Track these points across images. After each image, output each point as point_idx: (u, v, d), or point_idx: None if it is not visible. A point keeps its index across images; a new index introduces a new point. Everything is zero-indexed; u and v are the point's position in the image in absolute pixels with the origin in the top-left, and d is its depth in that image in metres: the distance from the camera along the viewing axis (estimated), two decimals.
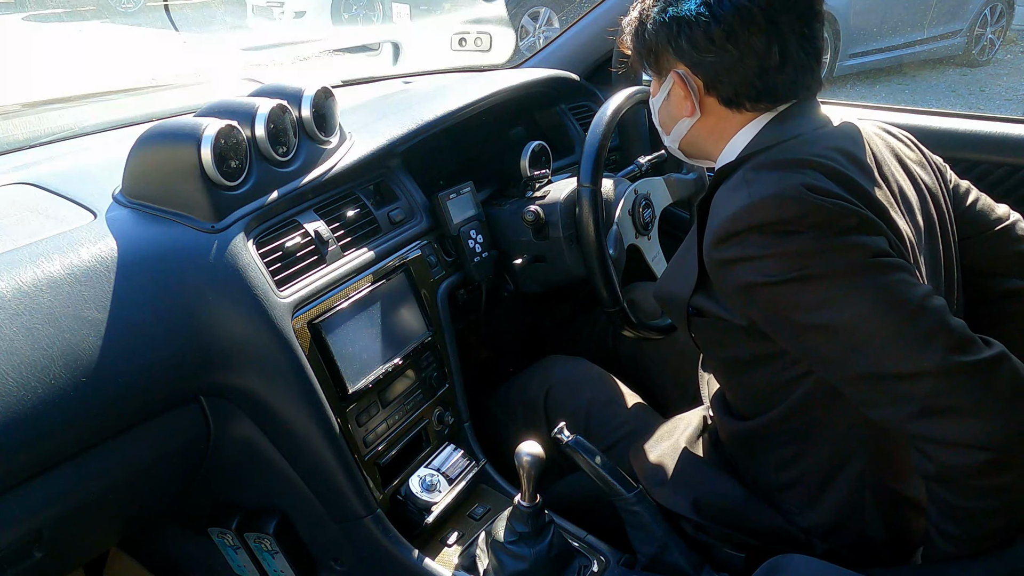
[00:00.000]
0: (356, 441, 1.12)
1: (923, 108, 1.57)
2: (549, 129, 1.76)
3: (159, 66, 3.17)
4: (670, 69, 0.97)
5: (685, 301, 0.97)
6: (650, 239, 1.40)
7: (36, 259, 0.92)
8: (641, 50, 1.01)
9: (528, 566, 0.99)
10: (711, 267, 0.89)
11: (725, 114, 0.97)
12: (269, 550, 1.20)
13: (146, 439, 1.01)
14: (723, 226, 0.86)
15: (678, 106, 0.99)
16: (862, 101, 1.74)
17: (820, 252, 0.82)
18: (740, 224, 0.84)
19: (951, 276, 1.02)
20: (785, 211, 0.83)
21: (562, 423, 1.09)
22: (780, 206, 0.83)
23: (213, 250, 1.01)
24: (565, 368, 1.40)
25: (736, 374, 1.02)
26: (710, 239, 0.88)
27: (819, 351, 0.85)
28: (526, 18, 6.67)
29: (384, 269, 1.22)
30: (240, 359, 1.03)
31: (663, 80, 1.00)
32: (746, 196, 0.85)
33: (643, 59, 1.02)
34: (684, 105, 0.98)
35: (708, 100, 0.97)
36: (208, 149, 1.00)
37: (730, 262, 0.86)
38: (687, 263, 0.96)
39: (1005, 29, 7.09)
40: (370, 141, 1.27)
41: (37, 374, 0.85)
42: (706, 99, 0.97)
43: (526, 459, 0.95)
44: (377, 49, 2.94)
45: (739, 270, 0.86)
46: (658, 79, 1.02)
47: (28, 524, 0.91)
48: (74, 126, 1.47)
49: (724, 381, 1.07)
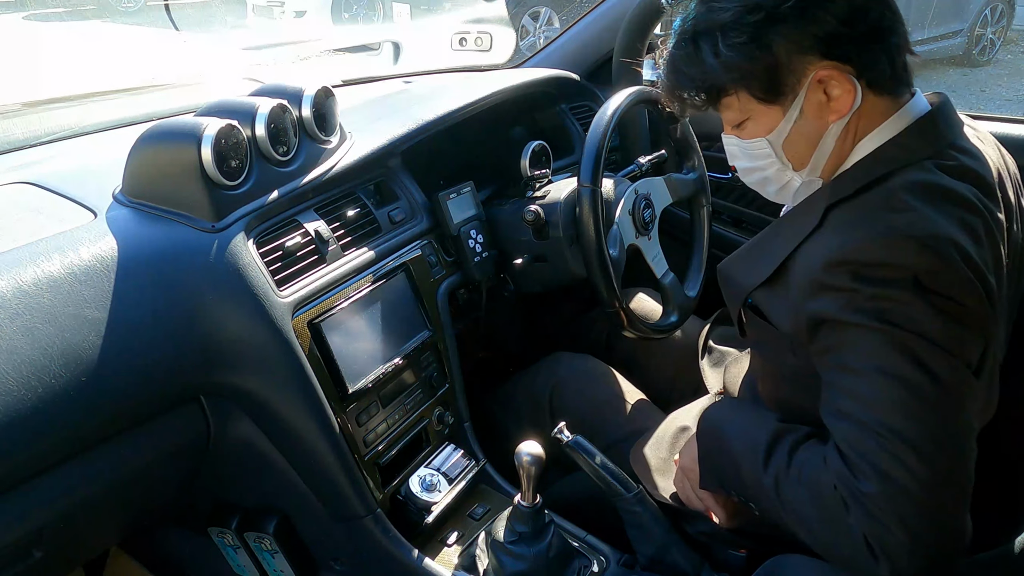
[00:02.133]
0: (356, 441, 1.12)
1: None
2: (549, 129, 1.75)
3: (159, 66, 3.17)
4: (802, 76, 0.82)
5: (745, 292, 0.92)
6: (650, 239, 1.40)
7: (36, 258, 0.92)
8: (740, 74, 0.83)
9: (528, 566, 0.99)
10: (807, 284, 0.81)
11: (871, 104, 0.84)
12: (269, 550, 1.20)
13: (146, 439, 1.01)
14: (852, 250, 0.77)
15: (819, 116, 0.84)
16: None
17: (922, 320, 0.75)
18: (873, 255, 0.76)
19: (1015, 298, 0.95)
20: (925, 263, 0.75)
21: (562, 423, 1.09)
22: (922, 254, 0.75)
23: (213, 250, 1.01)
24: (572, 365, 1.40)
25: (771, 374, 1.00)
26: (828, 257, 0.78)
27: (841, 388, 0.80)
28: (526, 18, 6.67)
29: (384, 269, 1.22)
30: (240, 359, 1.03)
31: (784, 101, 0.84)
32: (890, 225, 0.76)
33: (746, 84, 0.84)
34: (834, 106, 0.83)
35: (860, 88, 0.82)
36: (208, 149, 1.00)
37: (832, 288, 0.78)
38: (767, 255, 0.89)
39: (1005, 29, 7.09)
40: (370, 141, 1.27)
41: (37, 374, 0.85)
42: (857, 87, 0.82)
43: (526, 459, 0.95)
44: (377, 49, 2.94)
45: (835, 299, 0.78)
46: (773, 105, 0.85)
47: (28, 524, 0.91)
48: (74, 126, 1.46)
49: (759, 371, 1.04)
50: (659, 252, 1.41)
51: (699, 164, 1.52)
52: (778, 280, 0.88)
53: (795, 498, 0.85)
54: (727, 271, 0.98)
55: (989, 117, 1.50)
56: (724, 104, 0.88)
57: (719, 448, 0.98)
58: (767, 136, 0.88)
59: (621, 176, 1.43)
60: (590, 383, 1.36)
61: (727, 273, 0.98)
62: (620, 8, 1.74)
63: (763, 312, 0.91)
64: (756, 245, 0.95)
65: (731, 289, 0.97)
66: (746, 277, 0.92)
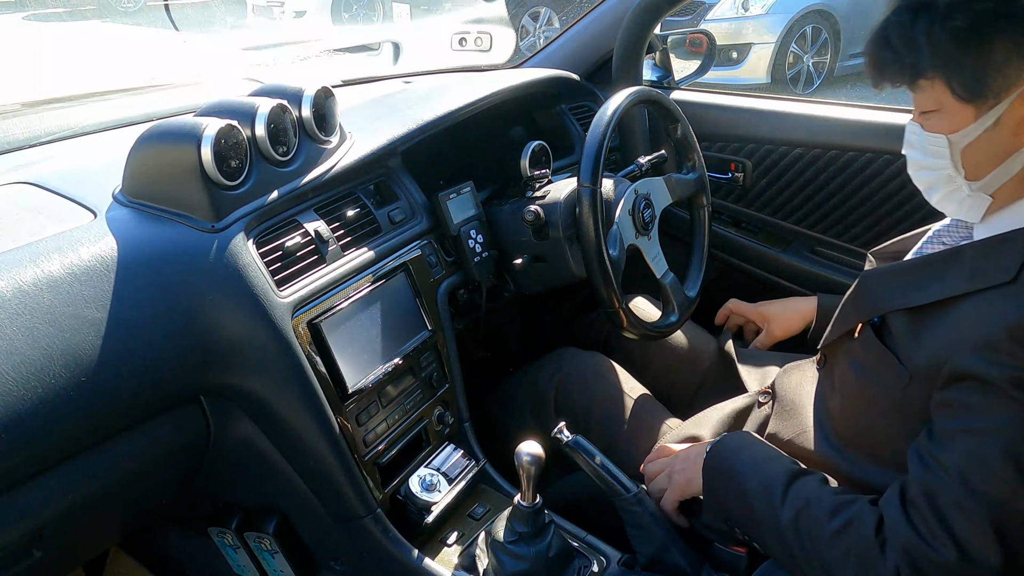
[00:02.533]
0: (356, 441, 1.12)
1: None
2: (549, 129, 1.75)
3: (159, 66, 3.17)
4: (1011, 85, 0.75)
5: (884, 310, 0.88)
6: (650, 239, 1.40)
7: (36, 259, 0.92)
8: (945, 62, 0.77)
9: (528, 566, 0.99)
10: (979, 337, 0.76)
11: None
12: (269, 550, 1.20)
13: (146, 439, 1.01)
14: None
15: (1016, 133, 0.78)
16: (862, 101, 1.74)
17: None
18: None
19: None
20: None
21: (562, 423, 1.09)
22: None
23: (213, 250, 1.01)
24: (577, 360, 1.40)
25: (861, 397, 0.94)
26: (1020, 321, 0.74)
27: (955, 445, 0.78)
28: (526, 18, 6.68)
29: (384, 269, 1.22)
30: (240, 359, 1.03)
31: (982, 104, 0.77)
32: None
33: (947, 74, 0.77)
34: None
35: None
36: (208, 149, 1.00)
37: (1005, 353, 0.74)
38: (933, 283, 0.83)
39: None
40: (370, 141, 1.27)
41: (37, 374, 0.85)
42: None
43: (526, 459, 0.95)
44: (377, 49, 2.94)
45: (1003, 364, 0.75)
46: (968, 104, 0.78)
47: (28, 524, 0.91)
48: (74, 126, 1.46)
49: (839, 388, 0.99)
50: (659, 252, 1.41)
51: (699, 164, 1.52)
52: (932, 313, 0.83)
53: (818, 534, 0.85)
54: (871, 281, 0.93)
55: None
56: (918, 86, 0.81)
57: (728, 484, 0.98)
58: (950, 135, 0.80)
59: (621, 176, 1.43)
60: (596, 379, 1.36)
61: (870, 284, 0.93)
62: (620, 8, 1.74)
63: (890, 335, 0.87)
64: (922, 267, 0.88)
65: (866, 301, 0.92)
66: (894, 295, 0.87)
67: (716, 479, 1.01)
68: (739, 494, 0.97)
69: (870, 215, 1.61)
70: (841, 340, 1.02)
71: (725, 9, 5.93)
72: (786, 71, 5.94)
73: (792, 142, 1.68)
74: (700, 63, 1.95)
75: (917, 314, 0.85)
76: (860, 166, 1.60)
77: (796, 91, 5.97)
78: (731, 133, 1.76)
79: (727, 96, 1.82)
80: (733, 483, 0.98)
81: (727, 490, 0.99)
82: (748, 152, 1.74)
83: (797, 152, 1.68)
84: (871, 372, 0.92)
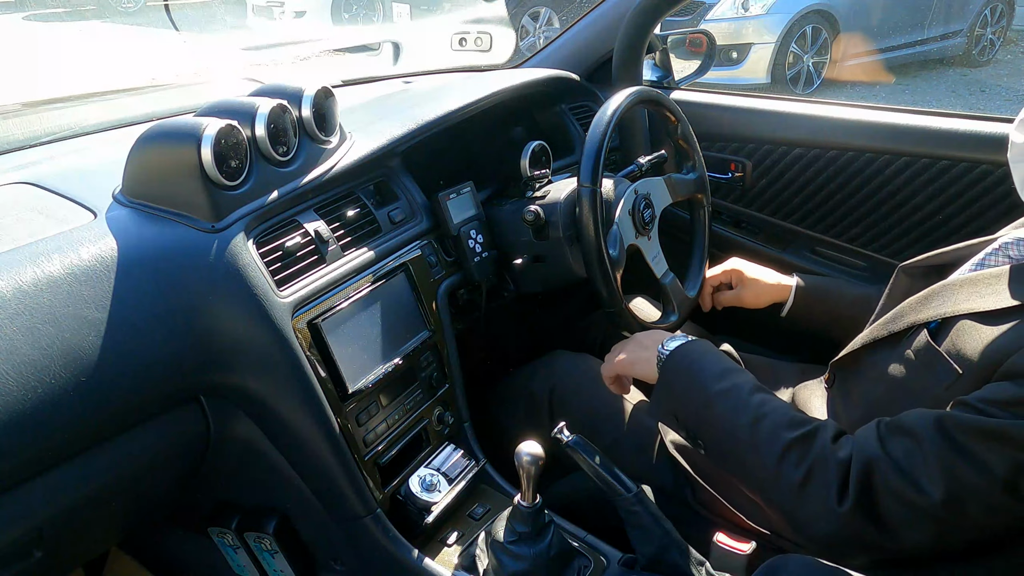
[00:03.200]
0: (356, 441, 1.12)
1: (923, 108, 1.57)
2: (549, 129, 1.75)
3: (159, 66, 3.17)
4: None
5: (949, 315, 0.89)
6: (650, 239, 1.40)
7: (36, 259, 0.92)
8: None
9: (528, 566, 0.99)
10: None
11: None
12: (269, 550, 1.20)
13: (146, 439, 1.01)
14: None
15: None
16: (862, 101, 1.74)
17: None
18: None
19: None
20: None
21: (562, 423, 1.09)
22: None
23: (213, 250, 1.01)
24: (571, 363, 1.40)
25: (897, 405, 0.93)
26: None
27: None
28: (526, 18, 6.68)
29: (384, 269, 1.22)
30: (240, 359, 1.03)
31: None
32: None
33: None
34: None
35: None
36: (208, 149, 1.00)
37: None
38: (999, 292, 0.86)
39: (1005, 29, 7.10)
40: (370, 141, 1.27)
41: (37, 374, 0.85)
42: None
43: (526, 459, 0.95)
44: (377, 49, 2.93)
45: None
46: None
47: (28, 524, 0.91)
48: (74, 126, 1.46)
49: (876, 401, 0.99)
50: (659, 252, 1.41)
51: (699, 164, 1.52)
52: (1000, 317, 0.85)
53: (775, 439, 0.90)
54: (941, 289, 0.94)
55: (989, 117, 1.49)
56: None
57: (689, 382, 1.02)
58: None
59: (621, 176, 1.43)
60: (589, 382, 1.36)
61: (938, 292, 0.94)
62: (620, 8, 1.74)
63: (946, 338, 0.88)
64: (997, 277, 0.90)
65: (930, 307, 0.93)
66: (964, 301, 0.89)
67: (676, 376, 1.05)
68: (700, 393, 1.00)
69: (870, 215, 1.61)
70: (865, 351, 1.02)
71: (725, 9, 5.94)
72: (786, 71, 5.94)
73: (792, 142, 1.68)
74: (700, 63, 1.96)
75: (986, 317, 0.86)
76: (860, 166, 1.60)
77: (796, 91, 5.97)
78: (731, 133, 1.76)
79: (727, 96, 1.82)
80: (696, 381, 1.02)
81: (687, 387, 1.03)
82: (748, 152, 1.75)
83: (797, 152, 1.68)
84: (913, 374, 0.93)
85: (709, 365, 1.04)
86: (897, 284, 1.09)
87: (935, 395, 0.88)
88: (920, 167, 1.53)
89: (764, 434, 0.93)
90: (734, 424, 0.96)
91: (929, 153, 1.52)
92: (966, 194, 1.49)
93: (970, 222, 1.50)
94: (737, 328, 1.67)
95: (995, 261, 0.94)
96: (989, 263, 0.95)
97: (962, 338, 0.87)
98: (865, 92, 6.24)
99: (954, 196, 1.51)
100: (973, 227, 1.50)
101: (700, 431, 1.01)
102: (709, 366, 1.04)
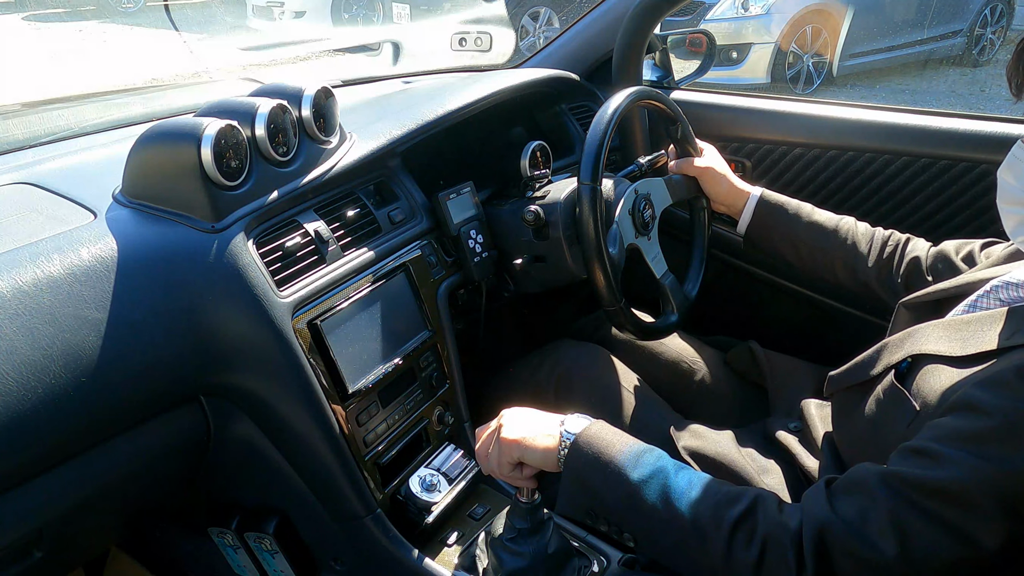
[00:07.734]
0: (356, 441, 1.12)
1: (923, 108, 1.57)
2: (549, 129, 1.76)
3: (159, 66, 3.17)
4: None
5: (919, 354, 0.89)
6: (650, 239, 1.40)
7: (36, 259, 0.92)
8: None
9: (527, 563, 0.99)
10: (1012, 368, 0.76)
11: None
12: (269, 550, 1.20)
13: (146, 439, 1.01)
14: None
15: None
16: (862, 101, 1.74)
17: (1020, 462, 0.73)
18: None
19: None
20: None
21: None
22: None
23: (213, 250, 1.01)
24: (577, 352, 1.40)
25: (861, 435, 0.95)
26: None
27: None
28: (526, 18, 6.68)
29: (384, 269, 1.22)
30: (240, 359, 1.03)
31: None
32: None
33: None
34: None
35: None
36: (208, 149, 1.00)
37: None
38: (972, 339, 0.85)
39: (1005, 29, 7.10)
40: (370, 141, 1.27)
41: (37, 374, 0.85)
42: None
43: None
44: (377, 49, 2.94)
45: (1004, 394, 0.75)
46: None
47: (28, 524, 0.91)
48: (74, 126, 1.47)
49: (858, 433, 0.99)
50: (659, 252, 1.41)
51: None
52: (971, 362, 0.84)
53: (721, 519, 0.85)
54: (920, 332, 0.94)
55: (989, 117, 1.49)
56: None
57: (603, 473, 0.93)
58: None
59: (621, 176, 1.43)
60: (596, 370, 1.36)
61: (918, 335, 0.94)
62: (620, 8, 1.74)
63: (911, 378, 0.88)
64: (967, 324, 0.90)
65: (906, 347, 0.93)
66: (939, 344, 0.89)
67: (587, 468, 0.94)
68: (620, 485, 0.91)
69: (870, 215, 1.61)
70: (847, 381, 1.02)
71: (725, 9, 5.94)
72: (786, 71, 5.95)
73: (792, 142, 1.68)
74: (700, 63, 1.95)
75: (954, 360, 0.86)
76: (860, 166, 1.60)
77: (796, 91, 5.97)
78: (731, 133, 1.76)
79: (727, 96, 1.82)
80: (611, 472, 0.92)
81: (602, 481, 0.93)
82: (748, 152, 1.75)
83: (797, 152, 1.68)
84: (881, 412, 0.93)
85: (619, 449, 0.94)
86: (899, 319, 1.10)
87: (900, 433, 0.87)
88: (920, 167, 1.53)
89: (706, 519, 0.85)
90: (670, 514, 0.87)
91: (929, 153, 1.52)
92: (966, 194, 1.49)
93: (970, 222, 1.51)
94: (756, 332, 1.66)
95: (987, 303, 0.95)
96: (981, 305, 0.96)
97: (925, 378, 0.87)
98: (865, 92, 6.25)
99: (954, 196, 1.51)
100: (973, 227, 1.50)
101: (627, 525, 0.92)
102: (619, 451, 0.94)
